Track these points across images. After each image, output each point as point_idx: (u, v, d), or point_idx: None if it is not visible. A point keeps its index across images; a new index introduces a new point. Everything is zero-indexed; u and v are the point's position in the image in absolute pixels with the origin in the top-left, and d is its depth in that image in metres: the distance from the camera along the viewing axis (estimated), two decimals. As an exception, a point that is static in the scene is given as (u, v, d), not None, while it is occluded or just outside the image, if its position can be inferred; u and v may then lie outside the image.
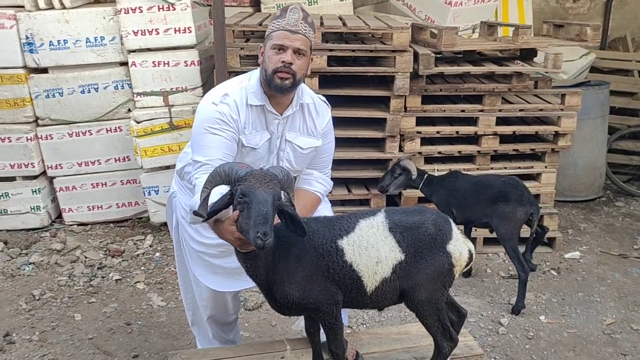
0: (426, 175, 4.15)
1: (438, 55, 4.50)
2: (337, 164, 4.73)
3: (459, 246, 2.36)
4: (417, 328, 3.14)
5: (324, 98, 2.76)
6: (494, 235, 4.28)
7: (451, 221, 2.40)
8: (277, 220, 2.12)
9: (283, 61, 2.39)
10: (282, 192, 2.14)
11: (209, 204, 2.14)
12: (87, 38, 4.85)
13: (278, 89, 2.45)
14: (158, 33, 4.75)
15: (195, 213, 2.14)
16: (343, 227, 2.30)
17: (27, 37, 4.80)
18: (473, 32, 5.82)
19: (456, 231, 2.39)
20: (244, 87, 2.53)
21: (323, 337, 2.55)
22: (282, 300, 2.29)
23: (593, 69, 6.77)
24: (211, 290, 2.87)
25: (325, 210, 2.87)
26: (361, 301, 2.36)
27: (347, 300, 2.34)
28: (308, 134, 2.64)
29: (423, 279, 2.31)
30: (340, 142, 4.60)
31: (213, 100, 2.48)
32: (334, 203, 4.75)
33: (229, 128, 2.45)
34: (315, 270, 2.24)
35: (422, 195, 4.39)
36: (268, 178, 2.04)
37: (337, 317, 2.33)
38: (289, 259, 2.23)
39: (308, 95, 2.66)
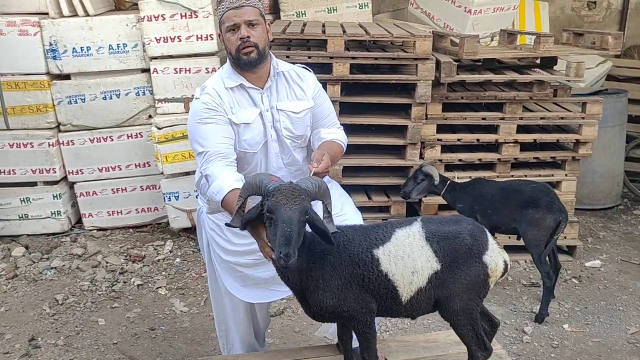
0: (449, 181, 4.15)
1: (458, 63, 4.52)
2: (358, 170, 4.76)
3: (495, 257, 2.35)
4: (444, 336, 3.14)
5: (303, 65, 2.83)
6: (516, 242, 4.29)
7: (487, 231, 2.39)
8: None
9: (241, 38, 2.48)
10: (319, 201, 2.15)
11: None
12: (110, 45, 4.90)
13: (248, 65, 2.53)
14: (180, 40, 4.79)
15: (228, 224, 2.18)
16: (379, 237, 2.29)
17: (50, 44, 4.85)
18: (492, 40, 5.83)
19: (492, 241, 2.37)
20: (219, 74, 2.64)
21: (354, 343, 2.56)
22: (315, 308, 2.30)
23: (609, 77, 6.77)
24: (244, 305, 2.88)
25: (356, 218, 2.86)
26: (395, 310, 2.35)
27: (381, 309, 2.34)
28: (298, 98, 2.69)
29: (458, 289, 2.30)
30: (361, 149, 4.65)
31: (196, 96, 2.61)
32: (353, 210, 4.79)
33: (216, 113, 2.52)
34: (350, 279, 2.24)
35: (443, 202, 4.40)
36: (296, 193, 2.03)
37: (370, 325, 2.33)
38: (325, 266, 2.23)
39: (285, 65, 2.72)
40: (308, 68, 2.81)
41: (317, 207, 2.16)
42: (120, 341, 3.71)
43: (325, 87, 3.24)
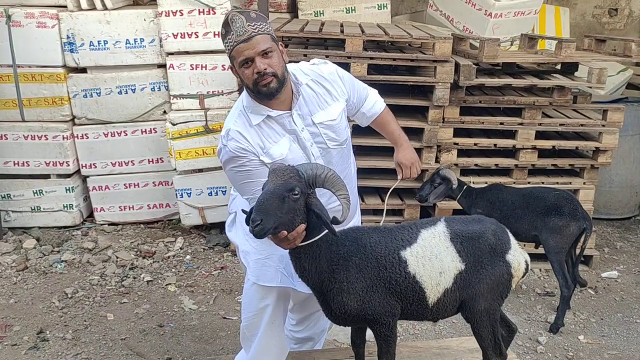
0: (465, 186, 4.08)
1: (477, 67, 4.45)
2: (371, 172, 4.69)
3: (518, 256, 2.38)
4: (457, 343, 3.10)
5: (316, 60, 2.67)
6: (531, 250, 4.20)
7: (508, 231, 2.39)
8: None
9: (257, 72, 2.33)
10: (323, 188, 2.17)
11: None
12: (127, 39, 4.89)
13: (270, 95, 2.39)
14: (197, 36, 4.76)
15: (244, 211, 2.22)
16: (405, 238, 2.29)
17: (68, 37, 4.85)
18: (511, 44, 5.75)
19: (514, 241, 2.40)
20: (240, 110, 2.48)
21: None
22: (337, 310, 2.27)
23: (629, 85, 6.66)
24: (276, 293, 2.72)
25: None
26: (421, 313, 2.35)
27: (406, 313, 2.33)
28: (328, 103, 2.56)
29: (483, 289, 2.31)
30: (375, 151, 4.59)
31: (222, 142, 2.46)
32: (366, 212, 4.74)
33: (248, 158, 2.41)
34: (376, 281, 2.23)
35: (458, 207, 4.32)
36: (285, 172, 2.10)
37: (393, 329, 2.32)
38: (349, 268, 2.21)
39: (301, 74, 2.55)
40: (322, 61, 2.67)
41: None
42: (129, 337, 3.69)
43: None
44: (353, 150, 2.87)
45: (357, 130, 3.37)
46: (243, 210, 2.25)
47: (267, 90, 2.36)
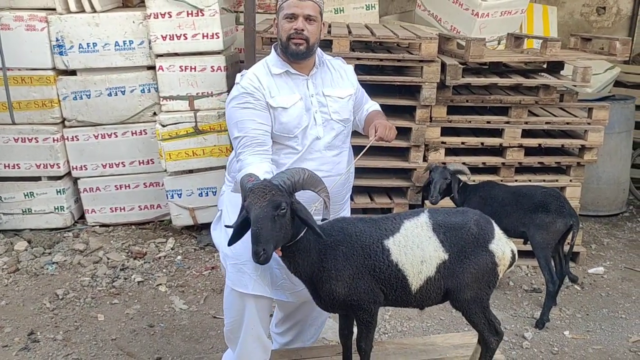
0: (461, 182, 4.13)
1: (463, 66, 4.49)
2: (360, 172, 4.71)
3: (502, 245, 2.42)
4: (442, 339, 3.14)
5: (340, 58, 2.92)
6: (520, 247, 4.25)
7: (493, 222, 2.45)
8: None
9: (295, 28, 2.52)
10: (311, 190, 2.23)
11: None
12: (116, 41, 4.90)
13: (294, 55, 2.56)
14: (186, 38, 4.79)
15: (227, 226, 2.30)
16: (388, 228, 2.37)
17: (57, 40, 4.86)
18: (498, 43, 5.80)
19: (498, 231, 2.45)
20: (264, 61, 2.68)
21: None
22: (326, 297, 2.36)
23: (617, 83, 6.73)
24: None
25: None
26: (405, 300, 2.42)
27: (391, 299, 2.41)
28: (340, 85, 2.75)
29: (468, 278, 2.36)
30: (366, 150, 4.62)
31: (236, 81, 2.63)
32: (356, 211, 4.78)
33: (254, 98, 2.54)
34: (362, 269, 2.32)
35: (447, 206, 4.36)
36: (267, 191, 2.11)
37: (374, 315, 2.41)
38: (337, 257, 2.30)
39: (326, 55, 2.80)
40: (344, 61, 2.90)
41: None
42: (119, 337, 3.72)
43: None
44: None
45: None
46: (227, 226, 2.31)
47: (296, 49, 2.54)
